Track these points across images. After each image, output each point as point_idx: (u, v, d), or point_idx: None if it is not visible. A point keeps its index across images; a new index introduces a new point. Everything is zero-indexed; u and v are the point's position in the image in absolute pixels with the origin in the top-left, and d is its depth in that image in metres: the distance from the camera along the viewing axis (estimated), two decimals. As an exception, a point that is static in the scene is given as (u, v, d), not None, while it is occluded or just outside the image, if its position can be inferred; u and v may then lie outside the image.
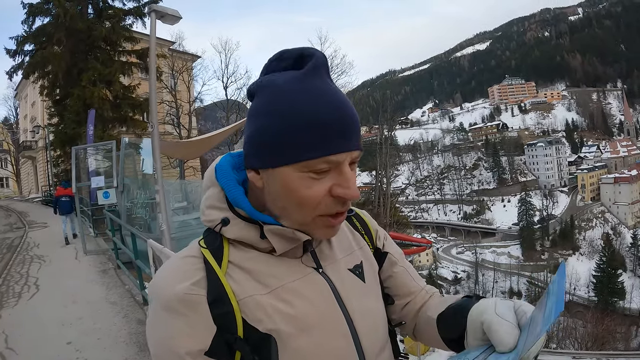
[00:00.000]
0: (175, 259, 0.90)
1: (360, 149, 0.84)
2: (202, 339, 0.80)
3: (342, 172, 0.82)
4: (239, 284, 0.85)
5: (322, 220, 0.85)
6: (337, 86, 0.85)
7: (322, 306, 0.89)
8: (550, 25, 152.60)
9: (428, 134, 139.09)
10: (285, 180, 0.82)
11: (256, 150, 0.84)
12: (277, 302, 0.85)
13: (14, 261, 10.94)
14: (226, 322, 0.82)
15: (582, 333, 35.73)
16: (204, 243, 0.90)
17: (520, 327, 0.77)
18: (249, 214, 0.89)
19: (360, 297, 0.95)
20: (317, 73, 0.81)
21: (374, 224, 1.16)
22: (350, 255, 1.01)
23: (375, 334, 0.96)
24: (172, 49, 34.46)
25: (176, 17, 8.22)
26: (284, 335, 0.83)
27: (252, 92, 0.87)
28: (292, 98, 0.79)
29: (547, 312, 0.71)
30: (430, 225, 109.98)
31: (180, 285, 0.82)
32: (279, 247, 0.88)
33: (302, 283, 0.89)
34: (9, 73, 23.46)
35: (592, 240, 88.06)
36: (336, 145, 0.80)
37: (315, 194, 0.81)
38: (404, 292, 1.11)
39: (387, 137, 43.21)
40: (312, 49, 0.85)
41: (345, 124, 0.81)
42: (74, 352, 5.39)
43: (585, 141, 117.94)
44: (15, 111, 54.10)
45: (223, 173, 0.94)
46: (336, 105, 0.81)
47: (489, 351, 0.77)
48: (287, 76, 0.82)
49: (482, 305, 0.83)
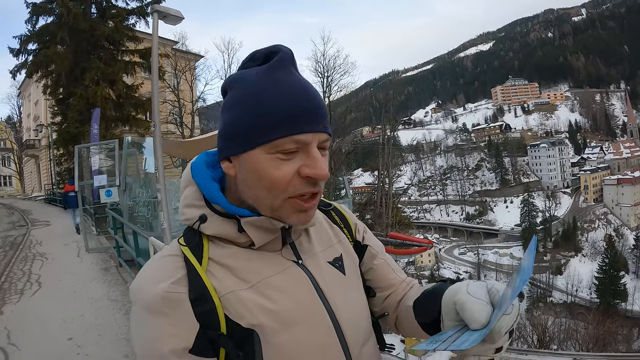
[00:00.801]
0: (155, 259, 0.91)
1: (329, 133, 0.86)
2: (186, 337, 0.80)
3: (310, 153, 0.83)
4: (219, 280, 0.85)
5: (293, 203, 0.85)
6: (303, 77, 0.87)
7: (303, 299, 0.89)
8: (554, 26, 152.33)
9: (431, 135, 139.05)
10: (254, 163, 0.83)
11: (228, 141, 0.86)
12: (258, 297, 0.85)
13: (17, 258, 10.98)
14: (209, 319, 0.82)
15: (584, 335, 35.65)
16: (183, 241, 0.91)
17: (494, 305, 0.79)
18: (225, 208, 0.90)
19: (341, 289, 0.97)
20: (282, 66, 0.84)
21: (353, 218, 1.19)
22: (329, 249, 1.03)
23: (358, 326, 0.97)
24: (175, 48, 34.50)
25: (178, 17, 8.28)
26: (267, 330, 0.83)
27: (224, 89, 0.89)
28: (258, 88, 0.82)
29: (517, 285, 0.74)
30: (433, 226, 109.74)
31: (161, 284, 0.82)
32: (258, 240, 0.89)
33: (282, 277, 0.90)
34: (12, 72, 23.52)
35: (594, 241, 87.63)
36: (302, 125, 0.81)
37: (284, 174, 0.82)
38: (385, 284, 1.13)
39: (389, 137, 43.32)
40: (279, 46, 0.87)
41: (310, 106, 0.83)
42: (75, 347, 5.43)
43: (589, 142, 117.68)
44: (18, 110, 54.24)
45: (198, 171, 0.95)
46: (300, 90, 0.83)
47: (464, 329, 0.79)
48: (254, 70, 0.85)
49: (455, 287, 0.85)
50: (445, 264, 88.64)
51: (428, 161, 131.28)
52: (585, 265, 79.05)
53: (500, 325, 0.76)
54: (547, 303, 68.35)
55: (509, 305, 0.74)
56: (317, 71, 34.78)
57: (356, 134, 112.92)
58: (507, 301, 0.75)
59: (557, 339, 35.33)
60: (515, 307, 0.77)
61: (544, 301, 69.81)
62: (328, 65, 34.76)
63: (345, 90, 37.78)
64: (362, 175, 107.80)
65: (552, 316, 45.49)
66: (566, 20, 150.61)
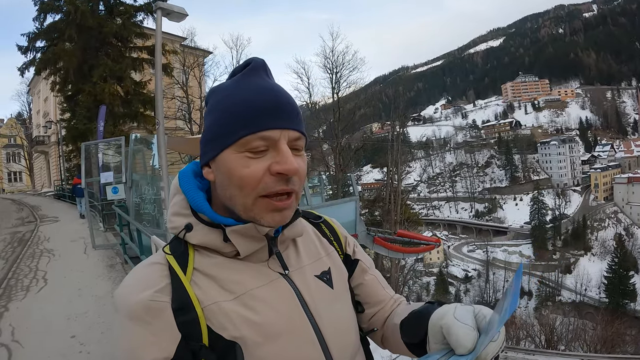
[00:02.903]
0: (140, 267, 0.90)
1: (300, 130, 0.88)
2: (167, 347, 0.80)
3: (279, 150, 0.84)
4: (203, 290, 0.85)
5: (266, 203, 0.85)
6: (274, 82, 0.91)
7: (288, 313, 0.88)
8: (565, 22, 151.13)
9: (440, 131, 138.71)
10: (226, 164, 0.85)
11: (205, 146, 0.89)
12: (241, 309, 0.85)
13: (24, 255, 11.07)
14: (191, 329, 0.81)
15: (592, 335, 35.34)
16: (168, 249, 0.91)
17: (480, 330, 0.78)
18: (210, 217, 0.90)
19: (327, 303, 0.95)
20: (254, 73, 0.89)
21: (342, 231, 1.17)
22: (317, 262, 1.02)
23: (345, 341, 0.96)
24: (183, 44, 34.53)
25: (182, 15, 8.27)
26: (250, 343, 0.82)
27: (206, 101, 0.93)
28: (229, 92, 0.87)
29: (503, 312, 0.73)
30: (442, 223, 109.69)
31: (144, 293, 0.81)
32: (243, 249, 0.89)
33: (267, 289, 0.89)
34: (20, 69, 23.66)
35: (604, 240, 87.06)
36: (267, 121, 0.84)
37: (254, 172, 0.83)
38: (374, 300, 1.12)
39: (399, 133, 43.08)
40: (253, 58, 0.91)
41: (277, 105, 0.85)
42: (78, 345, 5.46)
43: (599, 140, 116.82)
44: (28, 106, 54.58)
45: (185, 179, 0.95)
46: (268, 91, 0.86)
47: (450, 354, 0.79)
48: (229, 80, 0.90)
49: (443, 310, 0.85)
50: (454, 262, 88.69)
51: (437, 158, 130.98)
52: (594, 264, 78.56)
53: (486, 352, 0.75)
54: (556, 302, 68.07)
55: (496, 332, 0.73)
56: (326, 67, 34.54)
57: (365, 130, 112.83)
58: (493, 328, 0.74)
59: (565, 339, 35.06)
60: (501, 334, 0.77)
61: (553, 300, 69.59)
62: (337, 61, 34.57)
63: (354, 86, 37.55)
64: (372, 171, 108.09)
65: (561, 315, 45.18)
66: (577, 16, 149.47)
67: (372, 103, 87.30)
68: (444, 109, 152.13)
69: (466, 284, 79.52)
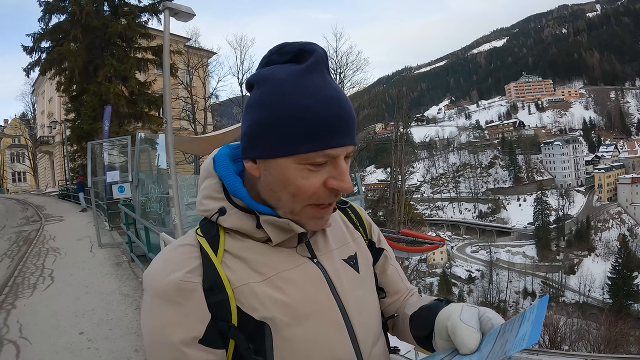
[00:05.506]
0: (171, 248, 0.91)
1: (355, 144, 0.85)
2: (197, 326, 0.81)
3: (337, 166, 0.83)
4: (234, 272, 0.85)
5: (312, 211, 0.86)
6: (335, 82, 0.85)
7: (316, 295, 0.89)
8: (568, 22, 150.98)
9: (444, 131, 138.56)
10: (283, 171, 0.82)
11: (255, 142, 0.84)
12: (271, 290, 0.85)
13: (30, 253, 11.09)
14: (221, 310, 0.82)
15: (595, 335, 35.33)
16: (200, 232, 0.91)
17: (484, 332, 0.81)
18: (246, 203, 0.90)
19: (354, 287, 0.97)
20: (316, 69, 0.82)
21: (367, 218, 1.19)
22: (344, 246, 1.03)
23: (370, 324, 0.97)
24: (187, 45, 34.63)
25: (190, 14, 8.29)
26: (279, 323, 0.83)
27: (251, 84, 0.86)
28: (292, 92, 0.79)
29: (520, 337, 0.72)
30: (445, 223, 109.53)
31: (175, 273, 0.82)
32: (275, 238, 0.89)
33: (296, 272, 0.90)
34: (26, 69, 23.77)
35: (608, 241, 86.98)
36: (334, 140, 0.80)
37: (312, 185, 0.82)
38: (393, 290, 1.14)
39: (402, 134, 43.06)
40: (313, 44, 0.85)
41: (342, 119, 0.81)
42: (86, 342, 5.47)
43: (603, 140, 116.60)
44: (32, 107, 54.80)
45: (222, 164, 0.95)
46: (335, 101, 0.81)
47: (455, 353, 0.82)
48: (288, 70, 0.82)
49: (449, 310, 0.86)
50: (458, 262, 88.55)
51: (441, 158, 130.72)
52: (598, 265, 78.49)
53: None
54: (560, 303, 67.83)
55: (510, 354, 0.71)
56: (330, 67, 34.70)
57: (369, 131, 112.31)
58: (506, 344, 0.73)
59: (568, 340, 35.04)
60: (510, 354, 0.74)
61: (556, 301, 69.31)
62: (341, 62, 34.72)
63: (358, 86, 37.68)
64: (375, 172, 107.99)
65: (564, 316, 45.08)
66: (580, 16, 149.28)
67: (376, 103, 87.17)
68: (448, 110, 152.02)
69: (469, 285, 79.44)
